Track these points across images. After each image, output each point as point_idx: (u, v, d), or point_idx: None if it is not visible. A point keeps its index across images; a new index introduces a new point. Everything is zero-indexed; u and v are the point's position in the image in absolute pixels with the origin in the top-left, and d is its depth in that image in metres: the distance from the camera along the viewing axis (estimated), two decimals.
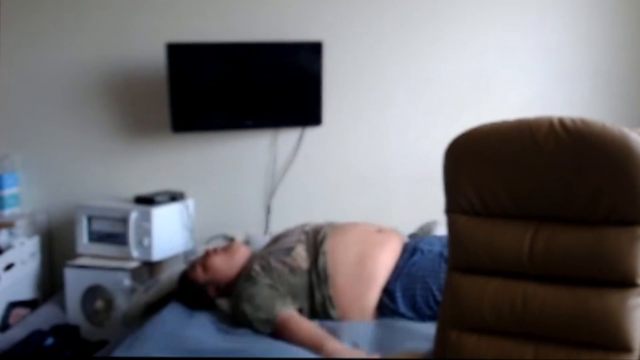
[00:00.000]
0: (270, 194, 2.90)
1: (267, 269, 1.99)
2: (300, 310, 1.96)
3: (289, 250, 2.04)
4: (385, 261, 2.03)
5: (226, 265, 2.11)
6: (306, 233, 2.13)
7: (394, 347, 1.70)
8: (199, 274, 2.10)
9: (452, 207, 1.34)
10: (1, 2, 2.84)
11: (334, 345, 1.75)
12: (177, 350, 1.71)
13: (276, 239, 2.20)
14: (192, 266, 2.15)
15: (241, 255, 2.15)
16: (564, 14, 2.82)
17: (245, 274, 2.02)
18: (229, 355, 1.68)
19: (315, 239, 2.08)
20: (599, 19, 2.81)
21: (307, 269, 2.01)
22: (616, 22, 2.81)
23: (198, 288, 2.09)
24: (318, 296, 1.98)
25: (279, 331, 1.86)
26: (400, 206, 2.82)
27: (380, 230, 2.15)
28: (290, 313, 1.90)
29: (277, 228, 2.79)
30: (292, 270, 1.99)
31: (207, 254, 2.15)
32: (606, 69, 2.82)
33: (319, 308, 1.98)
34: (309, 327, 1.86)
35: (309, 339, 1.79)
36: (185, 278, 2.14)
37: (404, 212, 2.80)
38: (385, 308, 1.96)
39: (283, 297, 1.94)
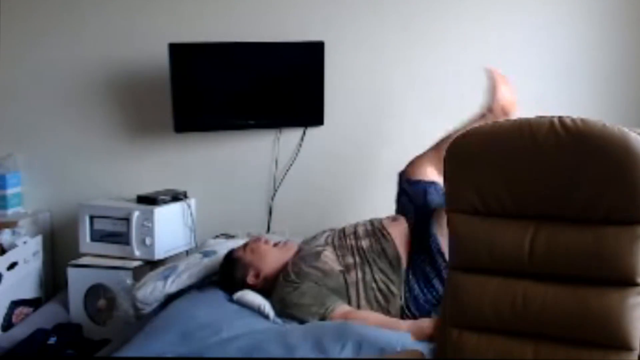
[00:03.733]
0: (272, 194, 2.91)
1: (301, 274, 1.97)
2: None
3: (318, 255, 2.02)
4: None
5: (274, 258, 2.08)
6: (332, 236, 2.10)
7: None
8: (247, 254, 2.08)
9: (453, 207, 1.35)
10: (4, 2, 2.85)
11: (406, 322, 1.78)
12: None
13: (305, 242, 2.17)
14: (242, 246, 2.13)
15: (290, 254, 2.10)
16: (564, 14, 2.82)
17: (282, 281, 1.99)
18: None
19: (373, 227, 2.10)
20: (599, 19, 2.81)
21: (340, 270, 1.98)
22: (616, 22, 2.81)
23: (240, 267, 2.06)
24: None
25: None
26: None
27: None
28: (346, 307, 1.87)
29: (278, 228, 2.81)
30: (325, 273, 1.96)
31: (259, 239, 2.14)
32: (606, 69, 2.82)
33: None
34: (374, 314, 1.85)
35: (383, 323, 1.77)
36: (231, 255, 2.12)
37: None
38: None
39: (329, 295, 1.91)
